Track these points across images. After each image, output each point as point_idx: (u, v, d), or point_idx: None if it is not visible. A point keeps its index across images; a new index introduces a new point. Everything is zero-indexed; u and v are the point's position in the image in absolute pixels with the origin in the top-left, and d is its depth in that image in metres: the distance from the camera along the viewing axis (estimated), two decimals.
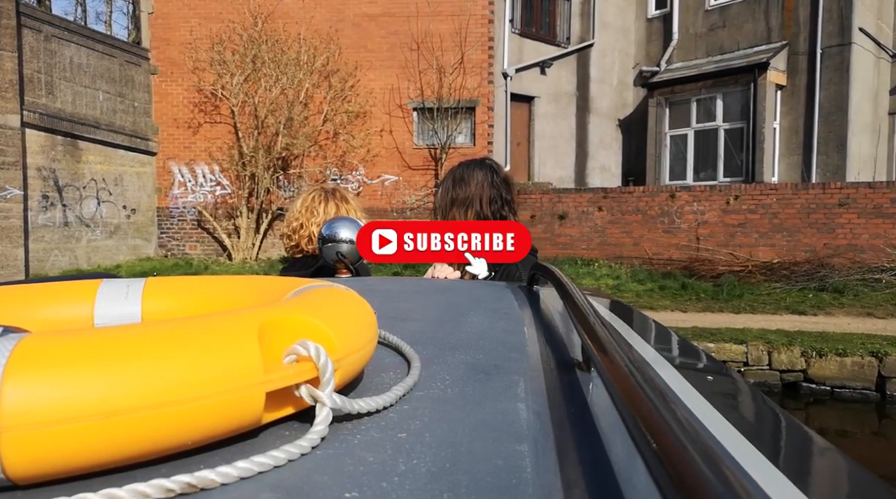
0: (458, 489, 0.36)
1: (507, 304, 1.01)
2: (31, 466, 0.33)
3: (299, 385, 0.42)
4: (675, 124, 13.59)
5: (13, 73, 9.91)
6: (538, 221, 11.87)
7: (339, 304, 0.53)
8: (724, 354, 6.69)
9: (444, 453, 0.41)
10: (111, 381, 0.34)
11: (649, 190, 11.42)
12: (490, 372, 0.60)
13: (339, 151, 12.36)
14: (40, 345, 0.35)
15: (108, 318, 0.65)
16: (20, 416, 0.32)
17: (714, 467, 0.25)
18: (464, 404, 0.51)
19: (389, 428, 0.45)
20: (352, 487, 0.36)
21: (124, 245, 12.32)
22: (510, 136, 12.76)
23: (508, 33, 12.57)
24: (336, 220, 1.83)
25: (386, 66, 12.30)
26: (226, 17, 12.19)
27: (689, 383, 0.71)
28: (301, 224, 2.11)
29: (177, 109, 12.65)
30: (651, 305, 9.08)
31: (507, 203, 1.96)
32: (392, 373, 0.57)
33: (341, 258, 1.74)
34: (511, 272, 1.78)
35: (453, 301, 1.07)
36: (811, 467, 0.62)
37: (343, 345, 0.46)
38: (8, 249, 10.01)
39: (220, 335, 0.40)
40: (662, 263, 10.86)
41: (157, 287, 0.69)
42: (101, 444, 0.34)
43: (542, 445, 0.44)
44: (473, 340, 0.75)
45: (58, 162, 10.92)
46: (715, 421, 0.59)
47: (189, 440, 0.37)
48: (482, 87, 12.15)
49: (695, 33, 13.78)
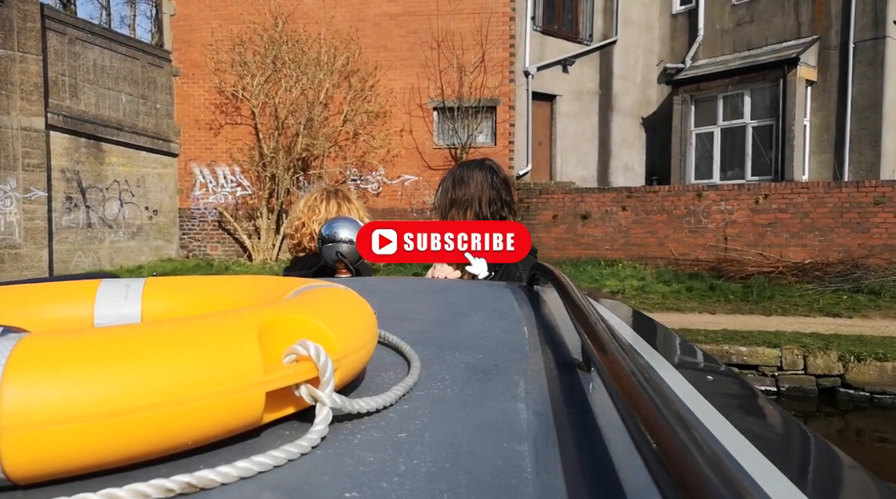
0: (458, 489, 0.36)
1: (507, 304, 1.01)
2: (31, 466, 0.33)
3: (299, 385, 0.42)
4: (701, 122, 13.29)
5: (38, 76, 10.01)
6: (560, 222, 11.68)
7: (339, 304, 0.53)
8: (756, 358, 6.45)
9: (444, 453, 0.41)
10: (111, 381, 0.34)
11: (675, 189, 11.16)
12: (490, 372, 0.60)
13: (358, 151, 12.30)
14: (40, 345, 0.35)
15: (107, 318, 0.65)
16: (20, 416, 0.32)
17: (714, 467, 0.25)
18: (464, 404, 0.51)
19: (389, 428, 0.45)
20: (352, 487, 0.36)
21: (146, 246, 12.40)
22: (532, 135, 12.58)
23: (530, 31, 12.39)
24: (336, 220, 1.84)
25: (406, 66, 12.21)
26: (246, 18, 12.21)
27: (689, 383, 0.71)
28: (303, 223, 2.13)
29: (198, 111, 12.70)
30: (678, 306, 8.85)
31: (506, 204, 1.96)
32: (392, 373, 0.57)
33: (341, 258, 1.75)
34: (511, 272, 1.78)
35: (453, 301, 1.07)
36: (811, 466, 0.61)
37: (343, 345, 0.46)
38: (33, 250, 10.10)
39: (220, 335, 0.40)
40: (689, 264, 10.60)
41: (157, 287, 0.69)
42: (101, 444, 0.34)
43: (542, 445, 0.44)
44: (473, 340, 0.75)
45: (81, 164, 11.01)
46: (715, 421, 0.59)
47: (189, 440, 0.37)
48: (503, 86, 11.99)
49: (721, 29, 13.47)
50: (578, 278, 10.28)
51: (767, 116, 12.37)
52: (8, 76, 9.61)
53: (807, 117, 12.29)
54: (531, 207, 11.91)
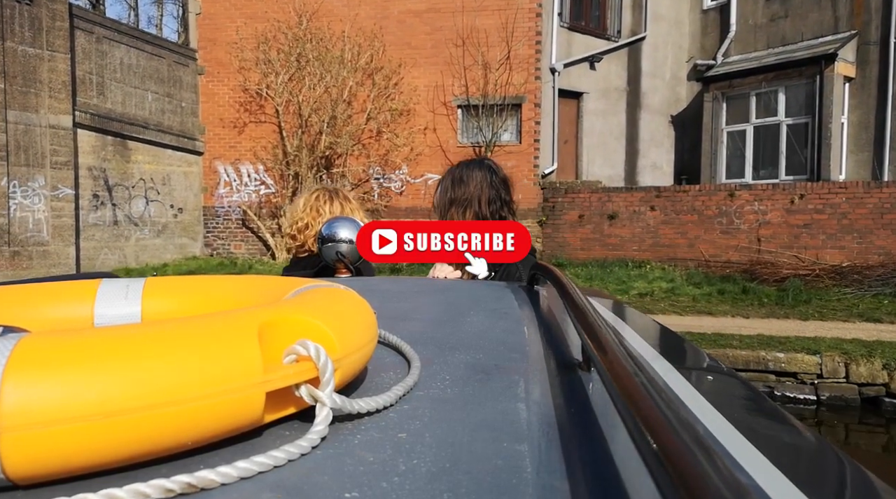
0: (458, 489, 0.36)
1: (507, 304, 1.01)
2: (31, 466, 0.33)
3: (299, 385, 0.42)
4: (733, 120, 12.92)
5: (66, 75, 10.09)
6: (586, 221, 11.44)
7: (339, 304, 0.53)
8: (795, 365, 6.18)
9: (444, 453, 0.41)
10: (111, 381, 0.34)
11: (706, 189, 10.85)
12: (490, 372, 0.60)
13: (382, 149, 12.20)
14: (40, 345, 0.35)
15: (107, 318, 0.65)
16: (20, 416, 0.32)
17: (714, 466, 0.25)
18: (464, 404, 0.50)
19: (389, 428, 0.45)
20: (352, 487, 0.36)
21: (171, 244, 12.46)
22: (557, 133, 12.36)
23: (557, 27, 12.16)
24: (336, 220, 1.85)
25: (430, 63, 12.07)
26: (271, 16, 12.19)
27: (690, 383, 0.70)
28: (307, 224, 2.14)
29: (223, 109, 12.73)
30: (709, 309, 8.58)
31: (505, 204, 1.95)
32: (392, 373, 0.57)
33: (341, 258, 1.76)
34: (511, 272, 1.78)
35: (453, 301, 1.07)
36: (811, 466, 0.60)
37: (343, 345, 0.46)
38: (60, 248, 10.19)
39: (220, 335, 0.40)
40: (720, 266, 10.29)
41: (157, 287, 0.68)
42: (101, 444, 0.34)
43: (542, 445, 0.44)
44: (473, 340, 0.75)
45: (108, 162, 11.09)
46: (715, 421, 0.58)
47: (189, 440, 0.37)
48: (529, 83, 11.79)
49: (754, 24, 13.08)
50: (605, 280, 10.05)
51: (803, 114, 11.98)
52: (37, 75, 9.70)
53: (844, 115, 11.86)
54: (556, 206, 11.69)
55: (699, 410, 0.61)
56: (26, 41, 9.56)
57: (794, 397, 6.19)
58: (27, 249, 9.75)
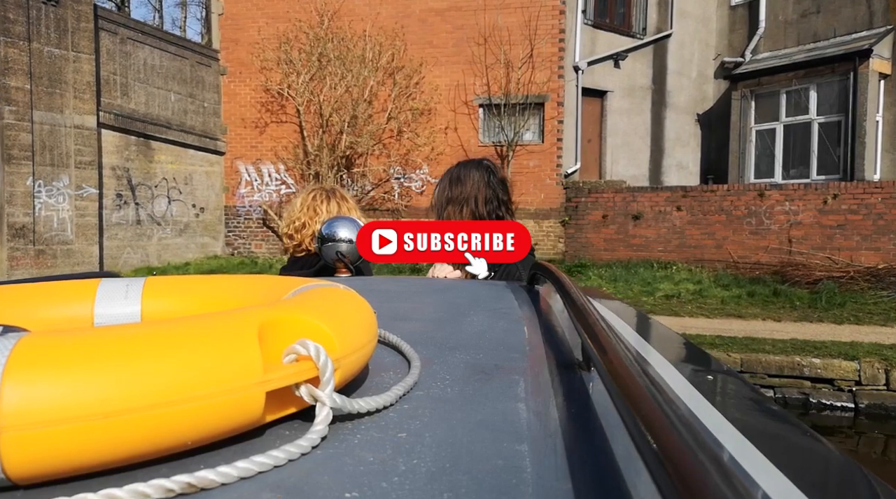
0: (458, 489, 0.36)
1: (507, 304, 1.01)
2: (31, 466, 0.33)
3: (299, 385, 0.42)
4: (762, 118, 12.59)
5: (91, 76, 10.17)
6: (610, 222, 11.22)
7: (339, 304, 0.53)
8: (832, 371, 5.93)
9: (444, 453, 0.41)
10: (111, 381, 0.34)
11: (735, 188, 10.57)
12: (490, 372, 0.60)
13: (402, 149, 12.12)
14: (40, 345, 0.35)
15: (107, 317, 0.65)
16: (20, 416, 0.32)
17: (714, 466, 0.25)
18: (464, 404, 0.51)
19: (389, 428, 0.45)
20: (352, 487, 0.36)
21: (193, 243, 12.50)
22: (581, 132, 12.15)
23: (581, 25, 11.96)
24: (335, 219, 1.85)
25: (452, 62, 11.96)
26: (293, 16, 12.18)
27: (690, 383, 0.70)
28: (304, 223, 2.14)
29: (244, 109, 12.75)
30: (739, 312, 8.32)
31: (503, 203, 1.96)
32: (392, 373, 0.57)
33: (341, 258, 1.76)
34: (511, 272, 1.78)
35: (453, 301, 1.06)
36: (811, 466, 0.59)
37: (343, 345, 0.46)
38: (84, 247, 10.26)
39: (220, 335, 0.39)
40: (749, 268, 10.01)
41: (157, 287, 0.68)
42: (101, 444, 0.34)
43: (542, 445, 0.44)
44: (473, 340, 0.75)
45: (131, 161, 11.16)
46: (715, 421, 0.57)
47: (189, 440, 0.37)
48: (552, 82, 11.61)
49: (784, 20, 12.74)
50: (630, 281, 9.83)
51: (835, 112, 11.62)
52: (62, 75, 9.79)
53: (879, 113, 11.48)
54: (580, 206, 11.49)
55: (699, 410, 0.61)
56: (52, 42, 9.65)
57: (830, 405, 5.94)
58: (52, 248, 9.83)
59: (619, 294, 9.30)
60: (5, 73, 9.12)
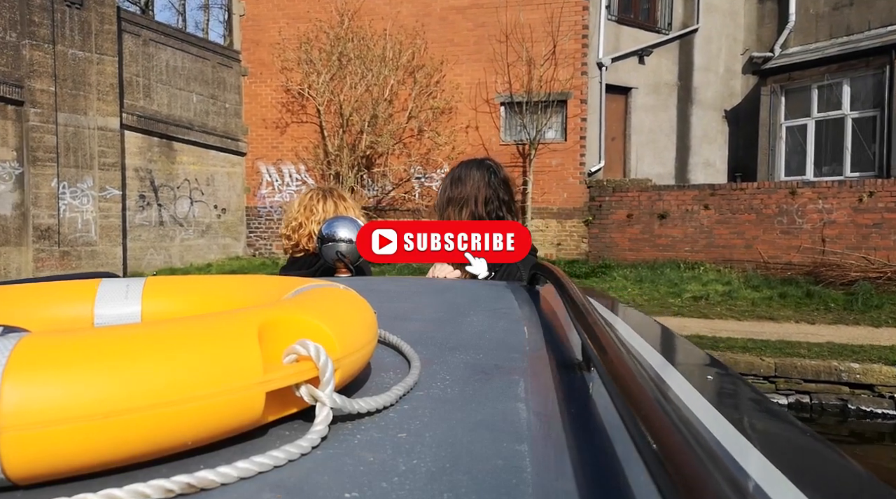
0: (458, 489, 0.36)
1: (507, 304, 1.01)
2: (31, 466, 0.33)
3: (299, 385, 0.42)
4: (792, 114, 12.23)
5: (114, 77, 10.23)
6: (635, 221, 10.98)
7: (339, 304, 0.53)
8: (872, 377, 5.67)
9: (444, 453, 0.41)
10: (111, 381, 0.34)
11: (765, 186, 10.26)
12: (490, 372, 0.60)
13: (423, 148, 12.01)
14: (40, 345, 0.35)
15: (107, 318, 0.65)
16: (20, 416, 0.32)
17: (714, 467, 0.25)
18: (464, 404, 0.50)
19: (389, 428, 0.45)
20: (352, 487, 0.36)
21: (215, 244, 12.54)
22: (605, 130, 11.92)
23: (604, 20, 11.73)
24: (335, 219, 1.85)
25: (473, 60, 11.81)
26: (313, 15, 12.15)
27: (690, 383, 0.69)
28: (300, 223, 2.15)
29: (265, 110, 12.76)
30: (770, 314, 8.05)
31: (504, 203, 1.95)
32: (392, 373, 0.57)
33: (341, 258, 1.76)
34: (511, 272, 1.78)
35: (453, 301, 1.06)
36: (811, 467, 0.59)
37: (343, 345, 0.46)
38: (108, 248, 10.33)
39: (220, 335, 0.40)
40: (780, 268, 9.70)
41: (157, 287, 0.69)
42: (101, 444, 0.34)
43: (542, 445, 0.44)
44: (473, 340, 0.75)
45: (154, 163, 11.22)
46: (715, 421, 0.57)
47: (189, 440, 0.37)
48: (575, 79, 11.40)
49: (815, 14, 12.36)
50: (656, 282, 9.58)
51: (870, 107, 11.22)
52: (85, 77, 9.86)
53: None
54: (604, 205, 11.26)
55: (699, 410, 0.60)
56: (76, 45, 9.72)
57: (870, 412, 5.68)
58: (76, 249, 9.91)
59: (646, 295, 9.08)
60: (31, 75, 9.21)
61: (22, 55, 9.17)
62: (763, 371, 6.03)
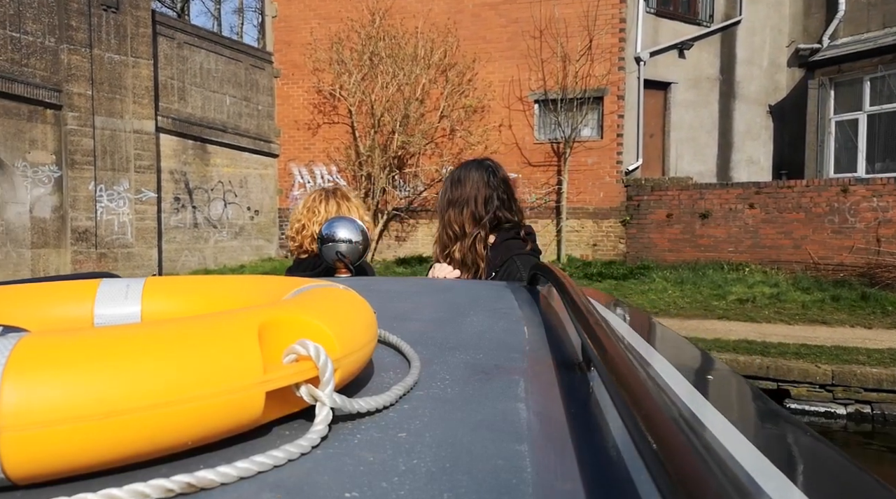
0: (458, 489, 0.36)
1: (507, 304, 1.01)
2: (31, 466, 0.33)
3: (299, 385, 0.42)
4: (842, 108, 11.66)
5: (149, 80, 10.32)
6: (675, 221, 10.59)
7: (339, 304, 0.53)
8: None
9: (444, 453, 0.41)
10: (111, 381, 0.34)
11: (815, 184, 9.77)
12: (490, 372, 0.60)
13: (455, 148, 11.82)
14: (40, 345, 0.35)
15: (107, 317, 0.65)
16: (20, 416, 0.32)
17: (715, 467, 0.25)
18: (464, 404, 0.51)
19: (389, 428, 0.45)
20: (352, 487, 0.36)
21: (248, 246, 12.57)
22: (643, 127, 11.54)
23: (643, 13, 11.36)
24: (335, 220, 1.85)
25: (506, 58, 11.58)
26: (345, 15, 12.08)
27: (690, 383, 0.69)
28: (303, 225, 2.14)
29: (297, 111, 12.75)
30: (823, 318, 7.62)
31: (503, 203, 1.94)
32: (392, 373, 0.58)
33: (340, 258, 1.76)
34: (511, 272, 1.78)
35: (453, 301, 1.06)
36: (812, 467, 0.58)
37: (343, 345, 0.46)
38: (143, 250, 10.42)
39: (220, 335, 0.40)
40: (832, 270, 9.22)
41: (157, 287, 0.69)
42: (101, 444, 0.34)
43: (542, 445, 0.44)
44: (473, 340, 0.75)
45: (188, 165, 11.29)
46: (715, 421, 0.58)
47: (189, 440, 0.37)
48: (612, 75, 11.07)
49: (867, 2, 11.76)
50: (698, 284, 9.20)
51: None
52: (122, 81, 9.96)
53: None
54: (642, 205, 10.90)
55: (699, 410, 0.59)
56: (112, 48, 9.83)
57: None
58: (113, 252, 10.01)
59: (687, 298, 8.71)
60: (68, 80, 9.33)
61: (60, 60, 9.29)
62: (819, 379, 5.67)
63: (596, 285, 9.41)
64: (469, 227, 1.92)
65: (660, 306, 8.29)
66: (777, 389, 5.83)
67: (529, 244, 1.94)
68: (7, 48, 8.69)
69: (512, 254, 1.87)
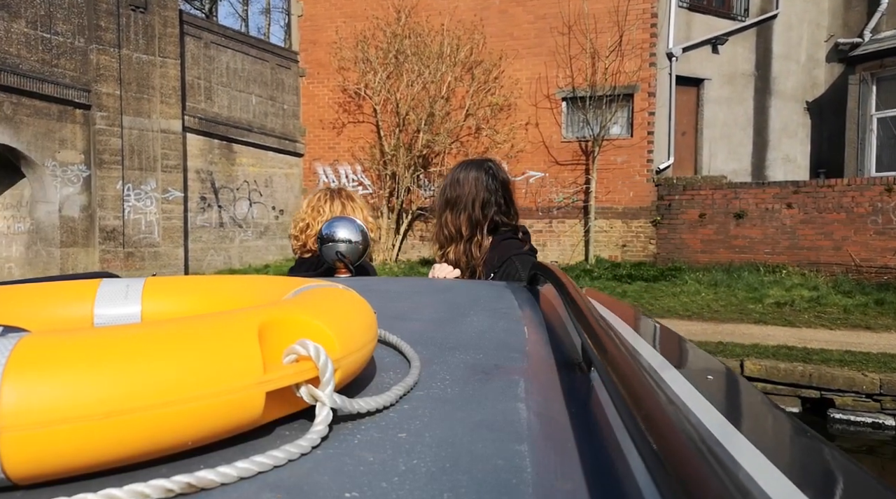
0: (458, 489, 0.36)
1: (507, 304, 1.01)
2: (31, 466, 0.33)
3: (299, 385, 0.42)
4: (885, 104, 11.19)
5: (176, 80, 10.36)
6: (709, 221, 10.27)
7: (339, 304, 0.53)
8: None
9: (444, 453, 0.41)
10: (111, 381, 0.34)
11: (856, 183, 9.37)
12: (490, 372, 0.60)
13: (481, 147, 11.64)
14: (40, 345, 0.35)
15: (107, 318, 0.65)
16: (20, 416, 0.32)
17: (715, 467, 0.26)
18: (464, 404, 0.51)
19: (389, 428, 0.45)
20: (352, 487, 0.36)
21: (273, 245, 12.57)
22: (674, 124, 11.23)
23: (675, 7, 11.04)
24: (335, 220, 1.85)
25: (533, 55, 11.37)
26: (370, 13, 12.00)
27: (690, 383, 0.68)
28: (308, 224, 2.14)
29: (322, 110, 12.71)
30: (867, 323, 7.27)
31: (500, 207, 1.91)
32: (392, 373, 0.58)
33: (340, 258, 1.76)
34: (510, 272, 1.77)
35: (453, 301, 1.06)
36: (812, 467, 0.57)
37: (343, 345, 0.46)
38: (170, 249, 10.46)
39: (220, 335, 0.40)
40: (875, 272, 8.82)
41: (157, 287, 0.69)
42: (101, 444, 0.34)
43: (542, 445, 0.44)
44: (473, 340, 0.75)
45: (214, 165, 11.31)
46: (715, 421, 0.57)
47: (189, 440, 0.37)
48: (642, 71, 10.78)
49: None
50: (733, 287, 8.88)
51: None
52: (149, 81, 10.01)
53: None
54: (673, 204, 10.60)
55: (700, 410, 0.59)
56: (140, 48, 9.88)
57: None
58: (140, 251, 10.07)
59: (722, 301, 8.41)
60: (97, 80, 9.40)
61: (89, 60, 9.37)
62: (866, 388, 5.36)
63: (626, 287, 9.16)
64: (465, 230, 1.90)
65: (693, 309, 8.01)
66: (820, 398, 5.54)
67: (527, 244, 1.92)
68: (38, 49, 8.78)
69: (510, 254, 1.85)
